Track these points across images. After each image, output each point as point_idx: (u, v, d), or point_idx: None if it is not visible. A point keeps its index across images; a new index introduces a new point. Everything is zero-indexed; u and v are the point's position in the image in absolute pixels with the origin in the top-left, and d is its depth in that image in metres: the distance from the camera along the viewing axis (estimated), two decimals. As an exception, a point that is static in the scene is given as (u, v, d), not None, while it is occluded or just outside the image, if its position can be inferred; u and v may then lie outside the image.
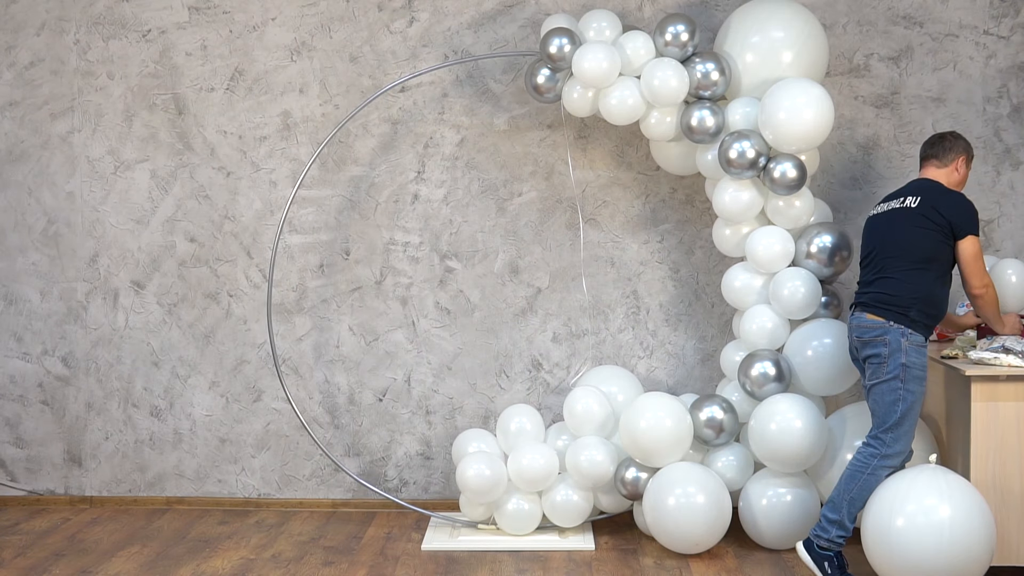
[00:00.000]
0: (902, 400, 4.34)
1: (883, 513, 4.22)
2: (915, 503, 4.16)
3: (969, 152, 4.59)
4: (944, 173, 4.55)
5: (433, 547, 5.05)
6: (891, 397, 4.35)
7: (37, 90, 5.63)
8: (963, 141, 4.58)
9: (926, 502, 4.15)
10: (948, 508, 4.13)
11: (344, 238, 5.58)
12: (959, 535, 4.11)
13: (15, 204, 5.67)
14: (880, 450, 4.37)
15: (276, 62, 5.56)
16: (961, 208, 4.40)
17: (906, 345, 4.34)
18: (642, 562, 4.86)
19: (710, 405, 5.01)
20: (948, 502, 4.14)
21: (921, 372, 4.36)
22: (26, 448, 5.73)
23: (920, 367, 4.36)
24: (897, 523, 4.16)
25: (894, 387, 4.35)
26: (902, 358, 4.34)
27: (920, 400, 4.38)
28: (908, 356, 4.34)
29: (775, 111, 4.76)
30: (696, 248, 5.50)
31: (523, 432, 5.18)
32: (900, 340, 4.34)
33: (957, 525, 4.11)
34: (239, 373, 5.65)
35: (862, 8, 5.39)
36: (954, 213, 4.39)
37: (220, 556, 4.96)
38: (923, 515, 4.14)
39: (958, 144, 4.56)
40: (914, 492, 4.19)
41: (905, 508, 4.17)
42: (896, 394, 4.35)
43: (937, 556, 4.11)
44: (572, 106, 5.09)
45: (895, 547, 4.17)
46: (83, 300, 5.67)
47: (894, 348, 4.35)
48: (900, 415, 4.34)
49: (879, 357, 4.38)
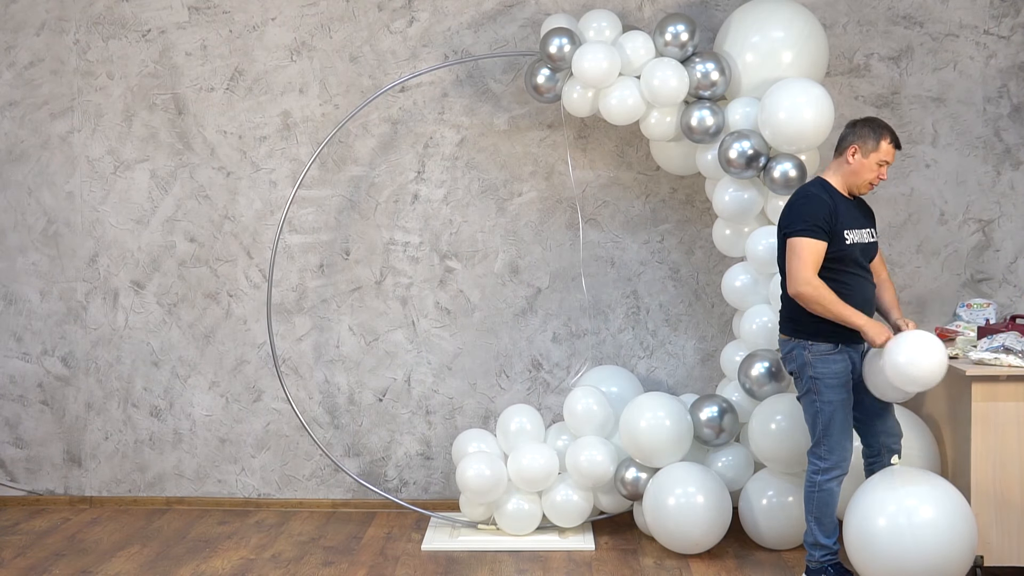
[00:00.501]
0: (820, 412, 4.31)
1: (865, 514, 4.21)
2: (896, 504, 4.15)
3: (868, 139, 4.28)
4: (836, 165, 4.37)
5: (433, 547, 5.05)
6: (811, 411, 4.35)
7: (37, 90, 5.63)
8: (865, 126, 4.30)
9: (907, 503, 4.14)
10: (930, 509, 4.12)
11: (344, 238, 5.58)
12: (941, 535, 4.10)
13: (15, 204, 5.67)
14: (820, 464, 4.35)
15: (276, 62, 5.56)
16: (787, 207, 4.32)
17: (810, 357, 4.30)
18: (642, 562, 4.86)
19: (710, 405, 5.01)
20: (930, 503, 4.13)
21: (835, 379, 4.29)
22: (26, 448, 5.73)
23: (832, 375, 4.29)
24: (879, 523, 4.15)
25: (811, 400, 4.34)
26: (809, 371, 4.32)
27: (844, 406, 4.31)
28: (815, 368, 4.30)
29: (775, 111, 4.76)
30: (696, 248, 5.50)
31: (523, 432, 5.18)
32: (803, 354, 4.32)
33: (938, 525, 4.11)
34: (239, 373, 5.65)
35: (862, 8, 5.39)
36: (781, 218, 4.33)
37: (220, 556, 4.96)
38: (905, 516, 4.12)
39: (854, 131, 4.32)
40: (895, 493, 4.18)
41: (887, 509, 4.16)
42: (814, 407, 4.33)
43: (920, 556, 4.10)
44: (572, 106, 5.09)
45: (877, 548, 4.16)
46: (83, 300, 5.67)
47: (800, 363, 4.34)
48: (823, 426, 4.32)
49: (794, 374, 4.41)
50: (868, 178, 4.32)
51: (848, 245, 4.27)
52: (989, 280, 5.40)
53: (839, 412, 4.30)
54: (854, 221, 4.32)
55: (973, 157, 5.40)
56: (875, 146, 4.28)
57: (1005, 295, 5.41)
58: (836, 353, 4.29)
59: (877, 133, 4.29)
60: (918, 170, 5.41)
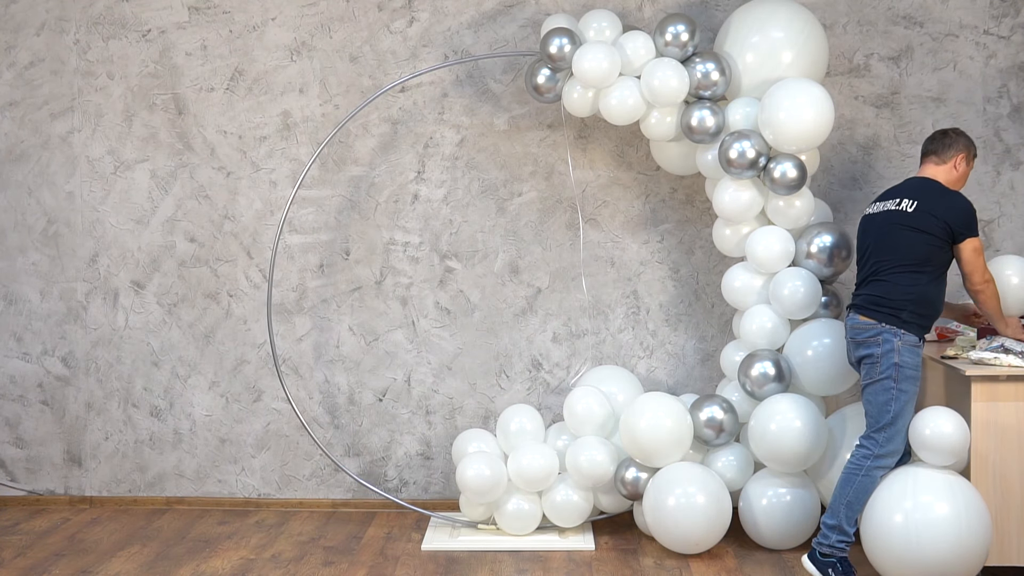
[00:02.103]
0: (895, 400, 4.35)
1: (882, 510, 4.26)
2: (912, 500, 4.21)
3: (970, 150, 4.56)
4: (943, 171, 4.54)
5: (433, 547, 5.05)
6: (884, 397, 4.37)
7: (37, 90, 5.63)
8: (964, 139, 4.55)
9: (923, 499, 4.20)
10: (946, 505, 4.18)
11: (344, 238, 5.58)
12: (957, 531, 4.15)
13: (15, 204, 5.67)
14: (873, 450, 4.38)
15: (276, 62, 5.56)
16: (959, 211, 4.39)
17: (899, 345, 4.36)
18: (642, 562, 4.86)
19: (710, 405, 5.01)
20: (946, 499, 4.19)
21: (914, 372, 4.37)
22: (26, 448, 5.73)
23: (913, 367, 4.36)
24: (896, 520, 4.21)
25: (887, 387, 4.37)
26: (895, 358, 4.35)
27: (913, 400, 4.39)
28: (901, 356, 4.35)
29: (775, 111, 4.76)
30: (696, 248, 5.50)
31: (523, 432, 5.18)
32: (893, 340, 4.36)
33: (954, 521, 4.16)
34: (239, 373, 5.65)
35: (862, 8, 5.39)
36: (952, 217, 4.38)
37: (220, 556, 4.96)
38: (921, 512, 4.19)
39: (959, 141, 4.54)
40: (912, 489, 4.24)
41: (903, 505, 4.21)
42: (889, 394, 4.36)
43: (935, 552, 4.15)
44: (572, 106, 5.09)
45: (894, 544, 4.21)
46: (83, 300, 5.67)
47: (887, 348, 4.37)
48: (893, 415, 4.36)
49: (872, 358, 4.40)
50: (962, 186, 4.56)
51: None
52: (989, 280, 5.40)
53: (910, 404, 4.38)
54: None
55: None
56: (975, 154, 4.60)
57: (1005, 295, 5.40)
58: (919, 347, 4.39)
59: (973, 147, 4.58)
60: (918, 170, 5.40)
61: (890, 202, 4.52)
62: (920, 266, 4.40)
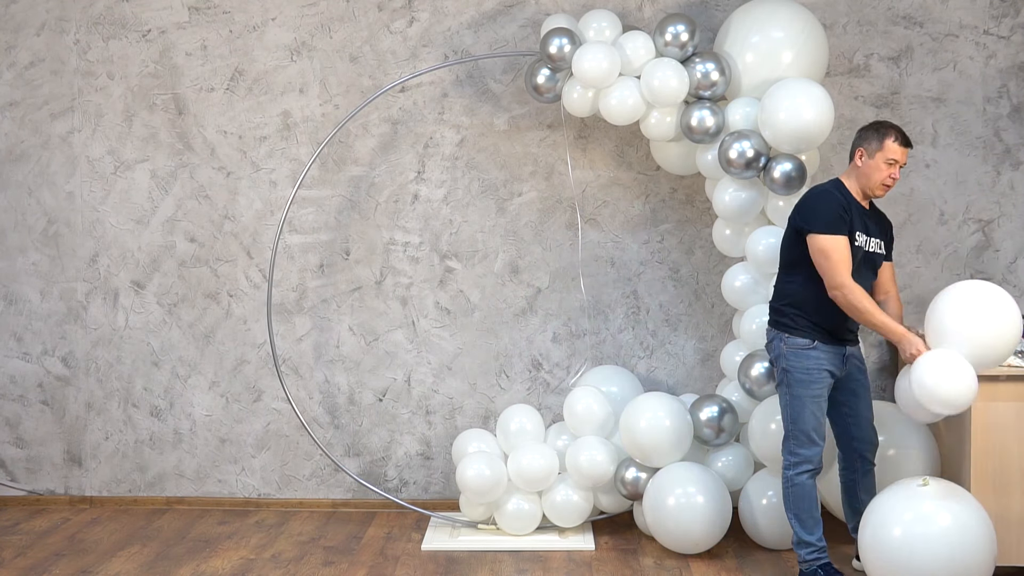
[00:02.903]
0: (789, 406, 4.37)
1: (881, 524, 4.16)
2: (912, 512, 4.09)
3: (871, 142, 4.32)
4: (848, 171, 4.44)
5: (433, 547, 5.05)
6: (782, 403, 4.43)
7: (37, 90, 5.63)
8: (870, 129, 4.35)
9: (923, 511, 4.08)
10: (947, 517, 4.06)
11: (344, 238, 5.58)
12: (958, 544, 4.04)
13: (15, 204, 5.67)
14: (790, 459, 4.39)
15: (276, 62, 5.56)
16: (804, 206, 4.32)
17: (785, 350, 4.37)
18: (642, 562, 4.86)
19: (710, 405, 5.01)
20: (947, 511, 4.07)
21: (804, 375, 4.32)
22: (26, 448, 5.73)
23: (802, 370, 4.32)
24: (895, 533, 4.09)
25: (782, 392, 4.42)
26: (783, 363, 4.38)
27: (813, 402, 4.32)
28: (788, 360, 4.36)
29: (775, 111, 4.76)
30: (696, 248, 5.50)
31: (523, 432, 5.18)
32: (780, 346, 4.39)
33: (955, 534, 4.04)
34: (239, 373, 5.65)
35: (862, 8, 5.39)
36: (797, 212, 4.35)
37: (220, 556, 4.96)
38: (921, 525, 4.06)
39: (861, 135, 4.37)
40: (912, 502, 4.12)
41: (903, 518, 4.10)
42: (784, 399, 4.40)
43: (936, 566, 4.03)
44: (572, 106, 5.09)
45: (893, 557, 4.09)
46: (83, 300, 5.67)
47: (776, 354, 4.42)
48: (791, 420, 4.36)
49: (771, 364, 4.49)
50: (878, 179, 4.34)
51: (854, 247, 4.29)
52: (989, 280, 5.40)
53: (807, 407, 4.33)
54: (865, 227, 4.37)
55: (973, 157, 5.40)
56: (879, 145, 4.32)
57: (1005, 295, 5.40)
58: (810, 349, 4.33)
59: (881, 132, 4.33)
60: (918, 170, 5.41)
61: None
62: (790, 267, 4.41)
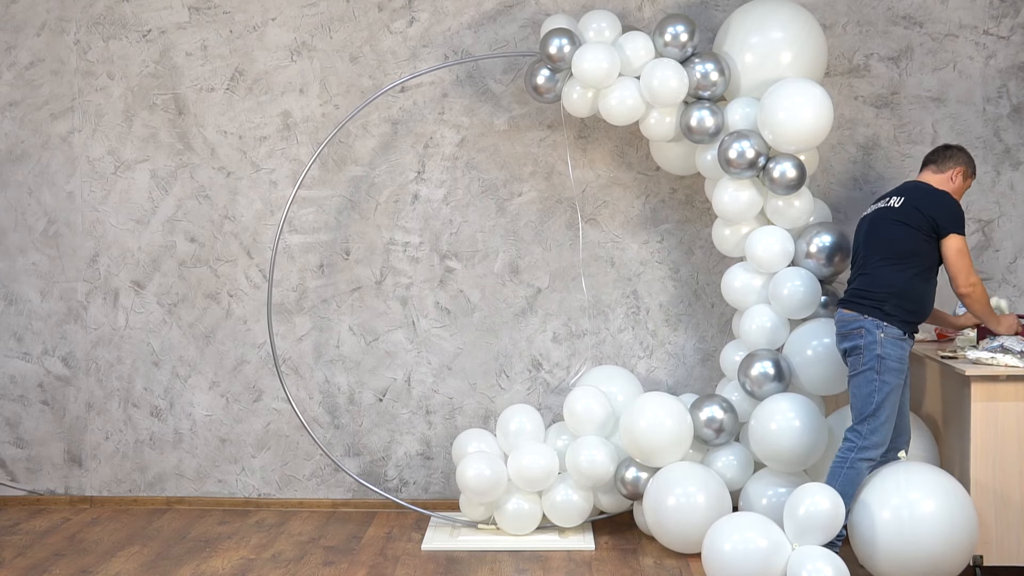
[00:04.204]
0: (877, 391, 4.40)
1: (870, 507, 4.32)
2: (900, 497, 4.26)
3: (969, 166, 4.62)
4: (938, 179, 4.59)
5: (433, 547, 5.06)
6: (867, 388, 4.42)
7: (37, 90, 5.63)
8: (966, 155, 4.62)
9: (911, 496, 4.25)
10: (933, 502, 4.23)
11: (344, 238, 5.58)
12: (944, 527, 4.21)
13: (15, 204, 5.67)
14: (857, 442, 4.43)
15: (276, 62, 5.56)
16: (943, 206, 4.45)
17: (881, 337, 4.40)
18: (642, 562, 4.86)
19: (710, 405, 5.01)
20: (933, 496, 4.24)
21: (898, 364, 4.40)
22: (26, 448, 5.74)
23: (897, 359, 4.40)
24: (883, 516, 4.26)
25: (870, 378, 4.42)
26: (877, 349, 4.40)
27: (897, 392, 4.42)
28: (884, 348, 4.40)
29: (775, 111, 4.76)
30: (696, 248, 5.50)
31: (523, 432, 5.18)
32: (875, 332, 4.41)
33: (942, 518, 4.21)
34: (239, 373, 5.65)
35: (862, 8, 5.39)
36: (936, 211, 4.43)
37: (220, 556, 4.96)
38: (908, 508, 4.24)
39: (959, 156, 4.61)
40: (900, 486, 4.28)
41: (891, 501, 4.26)
42: (872, 385, 4.41)
43: (923, 548, 4.21)
44: (572, 106, 5.09)
45: (882, 540, 4.26)
46: (83, 300, 5.67)
47: (869, 340, 4.42)
48: (876, 406, 4.40)
49: (856, 349, 4.46)
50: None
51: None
52: (989, 280, 5.40)
53: (892, 396, 4.41)
54: None
55: (973, 157, 5.40)
56: (974, 172, 4.65)
57: (1005, 295, 5.41)
58: (904, 340, 4.41)
59: (973, 162, 4.64)
60: (918, 170, 5.40)
61: (882, 202, 4.61)
62: (904, 259, 4.45)
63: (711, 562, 4.30)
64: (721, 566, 4.26)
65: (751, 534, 4.26)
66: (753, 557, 4.21)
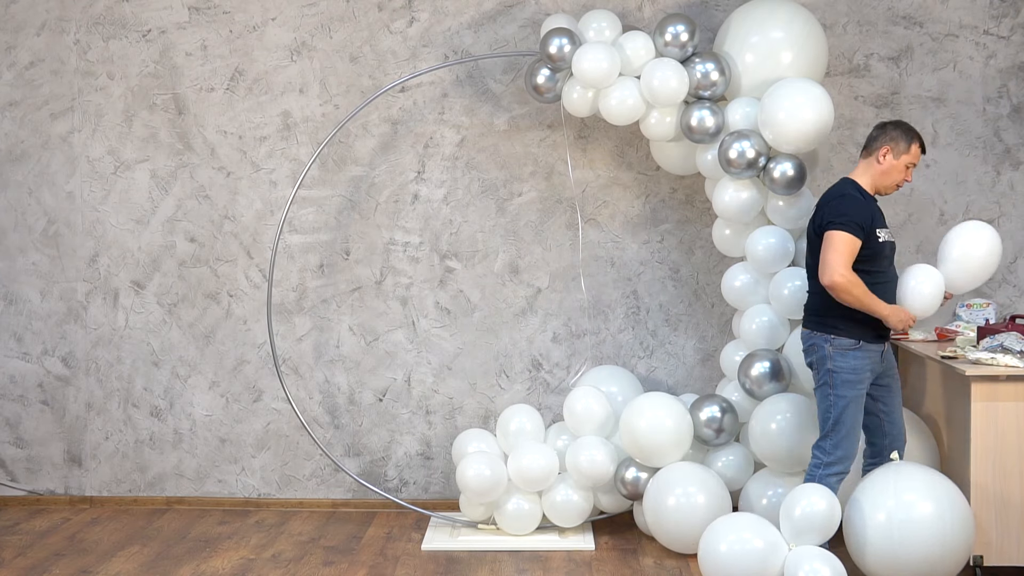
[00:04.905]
0: (834, 406, 4.37)
1: (864, 509, 4.30)
2: (895, 499, 4.24)
3: (900, 141, 4.36)
4: (865, 164, 4.42)
5: (433, 547, 5.06)
6: (824, 404, 4.41)
7: (37, 90, 5.63)
8: (896, 129, 4.38)
9: (906, 497, 4.23)
10: (929, 504, 4.21)
11: (344, 238, 5.58)
12: (939, 530, 4.19)
13: (15, 204, 5.67)
14: (823, 459, 4.40)
15: (276, 62, 5.56)
16: (827, 207, 4.33)
17: (831, 351, 4.37)
18: (642, 562, 4.86)
19: (710, 405, 5.01)
20: (929, 498, 4.23)
21: (852, 376, 4.35)
22: (26, 448, 5.73)
23: (850, 370, 4.35)
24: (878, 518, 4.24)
25: (825, 393, 4.40)
26: (828, 364, 4.38)
27: (856, 403, 4.37)
28: (834, 361, 4.36)
29: (775, 111, 4.76)
30: (696, 248, 5.50)
31: (523, 432, 5.18)
32: (824, 346, 4.38)
33: (937, 520, 4.20)
34: (239, 373, 5.65)
35: (862, 8, 5.39)
36: (820, 213, 4.35)
37: (220, 556, 4.96)
38: (904, 511, 4.22)
39: (886, 133, 4.38)
40: (895, 488, 4.27)
41: (886, 503, 4.24)
42: (828, 400, 4.39)
43: (918, 551, 4.19)
44: (572, 106, 5.09)
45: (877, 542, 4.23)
46: (83, 300, 5.67)
47: (820, 356, 4.40)
48: (834, 420, 4.37)
49: (812, 365, 4.47)
50: (896, 179, 4.42)
51: (880, 243, 4.37)
52: (989, 280, 5.40)
53: (850, 408, 4.36)
54: (883, 220, 4.44)
55: (973, 157, 5.40)
56: (906, 148, 4.38)
57: (1005, 295, 5.41)
58: (856, 349, 4.35)
59: (908, 136, 4.38)
60: (918, 170, 5.41)
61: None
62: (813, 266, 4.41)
63: (707, 563, 4.30)
64: (717, 567, 4.26)
65: (747, 535, 4.25)
66: (749, 558, 4.21)
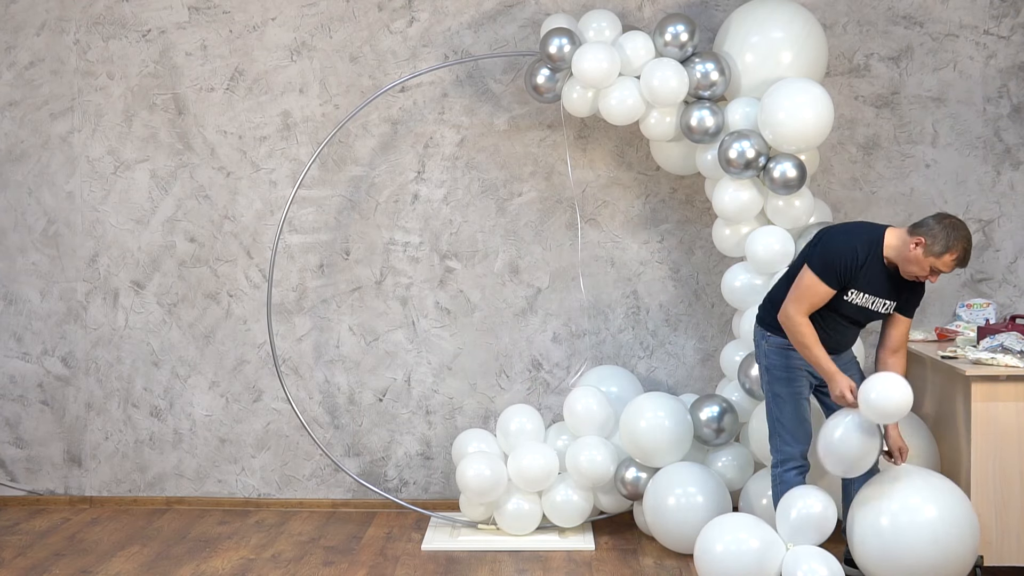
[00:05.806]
0: (772, 402, 4.41)
1: (868, 512, 4.27)
2: (899, 502, 4.22)
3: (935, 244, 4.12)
4: (898, 235, 4.23)
5: (433, 547, 5.05)
6: (766, 401, 4.47)
7: (37, 90, 5.63)
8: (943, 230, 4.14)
9: (910, 501, 4.21)
10: (933, 508, 4.19)
11: (344, 238, 5.58)
12: (943, 534, 4.17)
13: (15, 204, 5.67)
14: (776, 456, 4.43)
15: (276, 62, 5.56)
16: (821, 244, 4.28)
17: (765, 347, 4.42)
18: (642, 562, 4.86)
19: (710, 405, 5.01)
20: (933, 502, 4.20)
21: (783, 373, 4.37)
22: (26, 448, 5.73)
23: (781, 368, 4.37)
24: (882, 522, 4.21)
25: (764, 391, 4.46)
26: (764, 360, 4.43)
27: (793, 400, 4.36)
28: (768, 359, 4.42)
29: (775, 111, 4.76)
30: (696, 248, 5.50)
31: (523, 432, 5.18)
32: (762, 343, 4.44)
33: (941, 524, 4.17)
34: (239, 373, 5.65)
35: (862, 8, 5.39)
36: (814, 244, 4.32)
37: (220, 556, 4.96)
38: (907, 514, 4.19)
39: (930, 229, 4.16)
40: (898, 492, 4.24)
41: (889, 507, 4.22)
42: (767, 396, 4.44)
43: (921, 554, 4.16)
44: (572, 106, 5.09)
45: (880, 546, 4.21)
46: (83, 300, 5.67)
47: (758, 352, 4.47)
48: (774, 418, 4.40)
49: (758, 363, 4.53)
50: (915, 272, 4.20)
51: (845, 301, 4.27)
52: (989, 280, 5.40)
53: (788, 406, 4.37)
54: (873, 287, 4.25)
55: (973, 157, 5.40)
56: (939, 253, 4.14)
57: (1005, 295, 5.41)
58: (790, 349, 4.35)
59: (947, 244, 4.13)
60: (918, 170, 5.41)
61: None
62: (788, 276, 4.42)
63: (703, 563, 4.30)
64: (713, 567, 4.25)
65: (743, 535, 4.25)
66: (745, 558, 4.21)
